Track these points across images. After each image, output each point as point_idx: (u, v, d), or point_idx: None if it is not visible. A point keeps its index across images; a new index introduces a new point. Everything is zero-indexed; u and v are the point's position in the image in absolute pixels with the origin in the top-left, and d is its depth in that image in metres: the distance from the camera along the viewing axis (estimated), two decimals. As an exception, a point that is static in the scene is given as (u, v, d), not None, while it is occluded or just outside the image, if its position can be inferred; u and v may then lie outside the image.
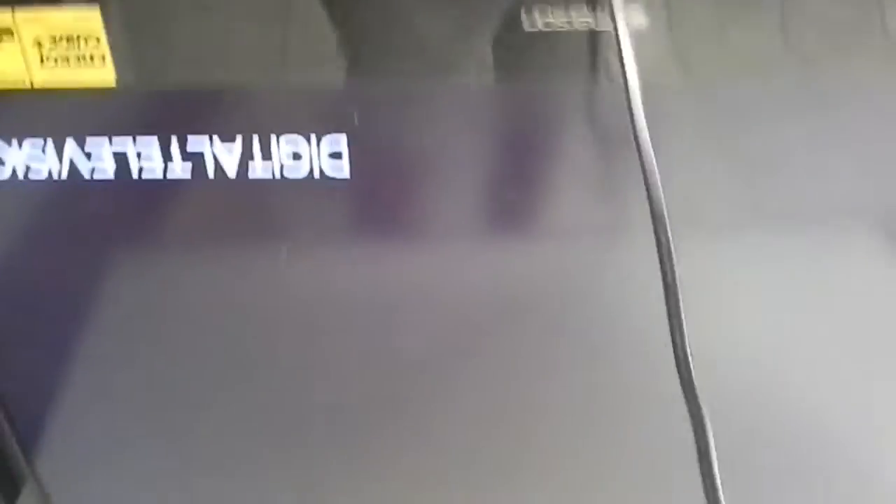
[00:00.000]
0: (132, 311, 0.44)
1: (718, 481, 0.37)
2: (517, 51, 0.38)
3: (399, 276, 0.43)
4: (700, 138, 0.41)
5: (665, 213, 0.36)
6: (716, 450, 0.37)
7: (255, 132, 0.40)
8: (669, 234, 0.36)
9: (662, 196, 0.36)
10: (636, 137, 0.36)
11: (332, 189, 0.41)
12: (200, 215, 0.42)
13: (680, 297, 0.37)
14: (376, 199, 0.42)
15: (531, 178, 0.41)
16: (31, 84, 0.37)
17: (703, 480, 0.37)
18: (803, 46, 0.38)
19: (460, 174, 0.41)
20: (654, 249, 0.37)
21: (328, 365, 0.46)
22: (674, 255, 0.36)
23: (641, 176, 0.36)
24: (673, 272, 0.36)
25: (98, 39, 0.36)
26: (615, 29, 0.35)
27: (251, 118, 0.40)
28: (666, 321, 0.37)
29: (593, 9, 0.37)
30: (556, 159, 0.41)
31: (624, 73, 0.36)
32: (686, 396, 0.37)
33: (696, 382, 0.37)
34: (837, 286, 0.43)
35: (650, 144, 0.36)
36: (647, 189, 0.36)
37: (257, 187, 0.41)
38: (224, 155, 0.40)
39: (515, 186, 0.41)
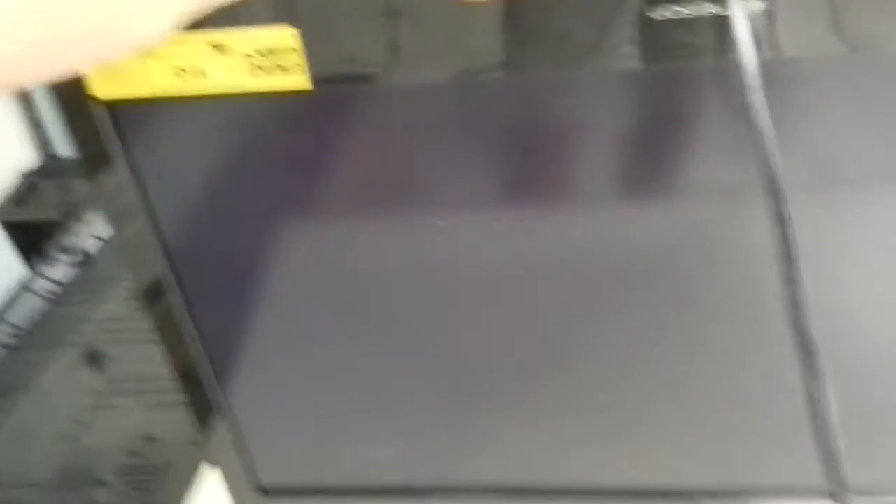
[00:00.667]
0: (312, 266, 0.51)
1: (835, 438, 0.40)
2: (649, 37, 0.42)
3: (541, 242, 0.48)
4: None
5: (781, 184, 0.38)
6: (833, 408, 0.39)
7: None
8: (787, 209, 0.38)
9: (779, 168, 0.38)
10: (750, 110, 0.38)
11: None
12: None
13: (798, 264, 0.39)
14: (523, 172, 0.47)
15: (665, 151, 0.45)
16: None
17: (818, 437, 0.40)
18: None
19: (600, 148, 0.45)
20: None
21: (478, 325, 0.52)
22: (790, 225, 0.39)
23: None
24: (790, 242, 0.39)
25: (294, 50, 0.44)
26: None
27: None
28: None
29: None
30: (687, 133, 0.44)
31: (738, 49, 0.38)
32: (802, 351, 0.39)
33: (814, 336, 0.39)
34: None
35: (767, 117, 0.38)
36: (765, 165, 0.39)
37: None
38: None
39: (650, 158, 0.45)
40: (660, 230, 0.47)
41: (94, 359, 0.80)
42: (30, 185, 1.02)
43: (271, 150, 0.47)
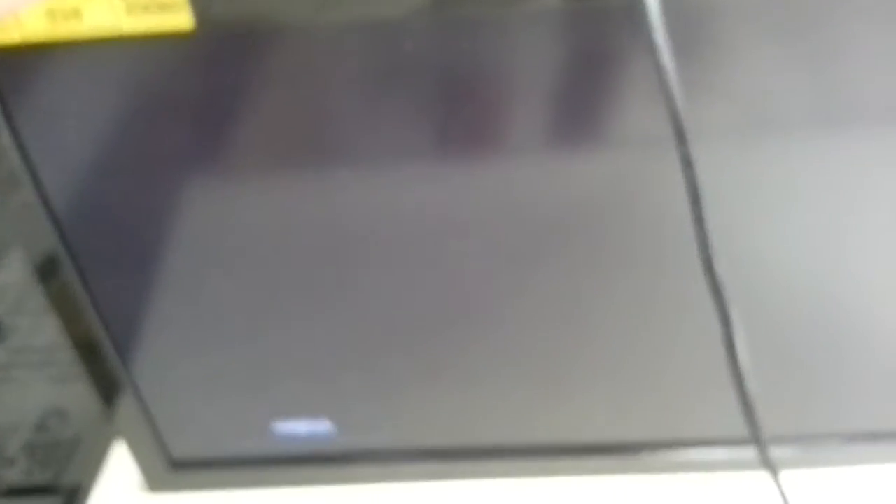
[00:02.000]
0: (215, 227, 0.48)
1: (748, 378, 0.39)
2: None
3: (454, 192, 0.47)
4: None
5: (685, 126, 0.37)
6: (745, 353, 0.39)
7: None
8: (689, 149, 0.37)
9: (683, 110, 0.37)
10: (654, 50, 0.37)
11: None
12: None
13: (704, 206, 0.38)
14: (430, 120, 0.45)
15: (580, 95, 0.43)
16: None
17: (733, 377, 0.39)
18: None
19: (511, 93, 0.44)
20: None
21: (386, 280, 0.51)
22: (696, 168, 0.38)
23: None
24: (697, 184, 0.38)
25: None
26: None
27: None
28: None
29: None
30: (602, 76, 0.43)
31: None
32: (714, 296, 0.39)
33: (724, 280, 0.38)
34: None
35: (670, 58, 0.37)
36: (669, 106, 0.37)
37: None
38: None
39: (563, 103, 0.44)
40: (575, 177, 0.45)
41: (-5, 330, 0.76)
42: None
43: (159, 101, 0.44)
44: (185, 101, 0.44)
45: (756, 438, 0.40)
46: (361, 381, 0.56)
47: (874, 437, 0.57)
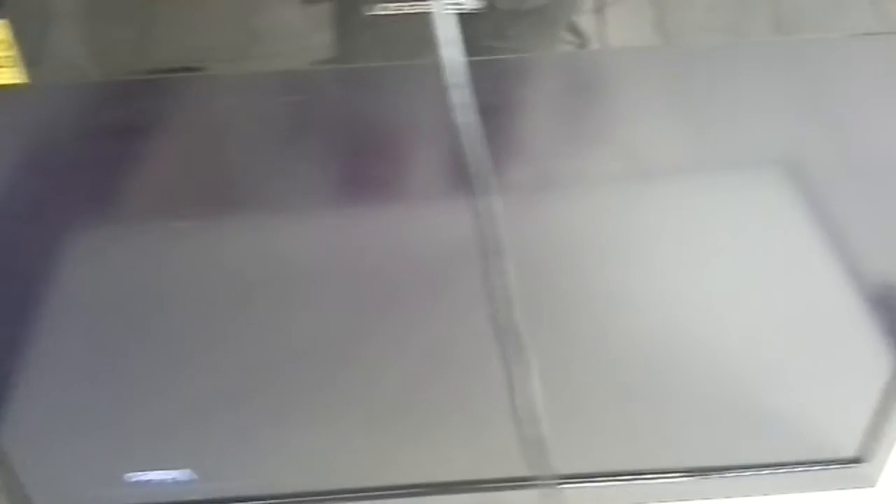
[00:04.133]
0: (71, 279, 0.49)
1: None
2: (362, 33, 0.42)
3: (299, 245, 0.48)
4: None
5: (485, 181, 0.39)
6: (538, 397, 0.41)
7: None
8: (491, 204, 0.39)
9: (483, 166, 0.39)
10: (454, 108, 0.39)
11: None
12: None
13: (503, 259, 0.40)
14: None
15: (389, 150, 0.45)
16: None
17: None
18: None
19: (314, 149, 0.45)
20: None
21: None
22: (495, 221, 0.40)
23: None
24: (496, 237, 0.40)
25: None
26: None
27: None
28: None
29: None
30: (413, 132, 0.45)
31: (441, 48, 0.39)
32: (509, 343, 0.40)
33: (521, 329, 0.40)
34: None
35: (474, 120, 0.39)
36: (469, 162, 0.39)
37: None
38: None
39: (371, 157, 0.46)
40: (380, 232, 0.47)
41: None
42: None
43: (14, 153, 0.45)
44: (23, 151, 0.45)
45: (544, 478, 0.41)
46: (221, 429, 0.56)
47: (668, 474, 0.59)
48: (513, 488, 0.57)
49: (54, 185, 0.46)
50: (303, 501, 0.59)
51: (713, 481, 0.63)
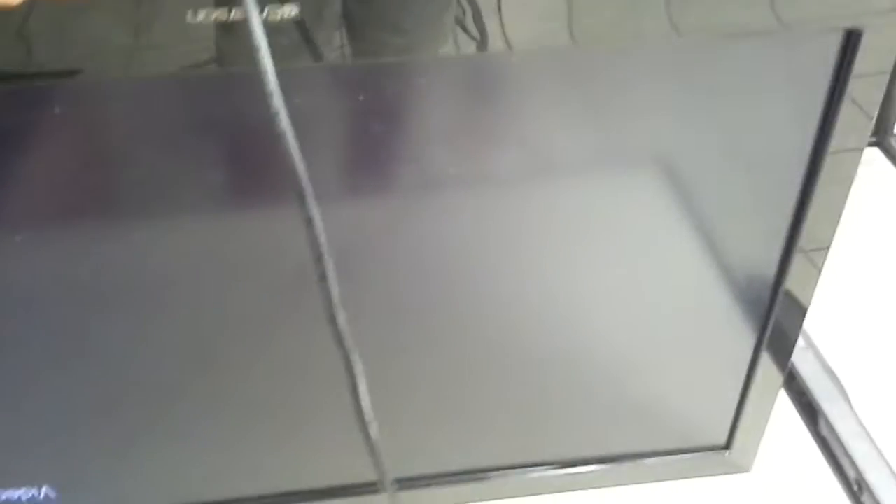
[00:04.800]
0: None
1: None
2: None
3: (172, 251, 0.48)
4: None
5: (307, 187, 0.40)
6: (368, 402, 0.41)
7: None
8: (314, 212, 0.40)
9: (304, 172, 0.39)
10: (274, 116, 0.39)
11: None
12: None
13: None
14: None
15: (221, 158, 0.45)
16: None
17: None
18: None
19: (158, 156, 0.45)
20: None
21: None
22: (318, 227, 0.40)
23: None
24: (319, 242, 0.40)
25: None
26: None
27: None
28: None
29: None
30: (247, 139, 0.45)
31: (257, 56, 0.39)
32: (338, 347, 0.41)
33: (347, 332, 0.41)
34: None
35: (289, 123, 0.39)
36: (291, 169, 0.39)
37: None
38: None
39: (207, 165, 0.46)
40: (232, 239, 0.47)
41: None
42: None
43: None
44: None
45: (382, 482, 0.42)
46: (82, 444, 0.55)
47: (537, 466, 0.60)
48: (360, 493, 0.58)
49: None
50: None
51: (584, 472, 0.64)
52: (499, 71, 0.46)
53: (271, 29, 0.39)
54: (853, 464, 0.69)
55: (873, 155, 1.04)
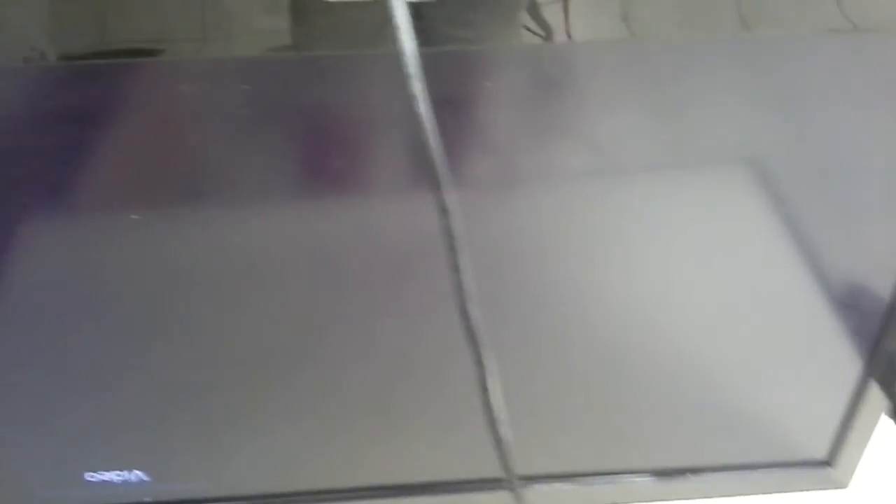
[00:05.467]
0: (26, 270, 0.47)
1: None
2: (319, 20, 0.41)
3: (258, 238, 0.47)
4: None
5: (443, 174, 0.38)
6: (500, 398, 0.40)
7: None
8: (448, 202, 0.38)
9: (440, 158, 0.38)
10: (415, 102, 0.38)
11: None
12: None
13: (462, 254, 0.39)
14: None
15: (350, 140, 0.44)
16: None
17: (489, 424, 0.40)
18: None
19: (277, 140, 0.44)
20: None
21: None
22: (453, 215, 0.38)
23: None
24: (454, 231, 0.38)
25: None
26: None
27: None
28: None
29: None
30: (373, 122, 0.44)
31: (398, 37, 0.37)
32: (470, 341, 0.39)
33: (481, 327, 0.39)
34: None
35: (428, 107, 0.38)
36: (427, 154, 0.38)
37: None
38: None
39: (333, 149, 0.44)
40: (345, 225, 0.46)
41: None
42: None
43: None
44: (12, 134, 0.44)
45: (509, 480, 0.40)
46: (174, 429, 0.55)
47: (635, 473, 0.58)
48: (479, 489, 0.56)
49: (4, 175, 0.45)
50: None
51: (682, 482, 0.62)
52: (622, 64, 0.44)
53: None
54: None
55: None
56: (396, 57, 0.37)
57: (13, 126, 0.43)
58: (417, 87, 0.38)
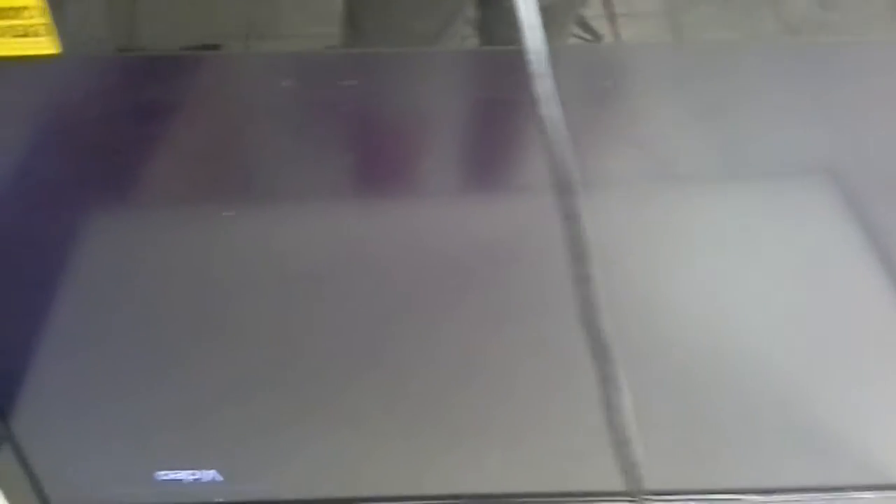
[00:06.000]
0: (97, 271, 0.46)
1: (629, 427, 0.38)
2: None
3: (332, 243, 0.45)
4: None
5: (572, 180, 0.36)
6: (629, 411, 0.38)
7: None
8: (577, 206, 0.36)
9: (569, 163, 0.36)
10: (539, 100, 0.36)
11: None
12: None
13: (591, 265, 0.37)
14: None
15: (470, 142, 0.42)
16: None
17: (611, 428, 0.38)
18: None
19: (400, 139, 0.42)
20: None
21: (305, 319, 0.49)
22: (580, 222, 0.36)
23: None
24: (582, 240, 0.36)
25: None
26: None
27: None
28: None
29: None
30: (495, 124, 0.42)
31: (524, 34, 0.35)
32: (596, 354, 0.37)
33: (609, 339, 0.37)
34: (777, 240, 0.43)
35: (556, 107, 0.36)
36: (554, 158, 0.36)
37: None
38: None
39: (455, 149, 0.42)
40: (461, 225, 0.44)
41: None
42: None
43: (33, 129, 0.42)
44: (58, 132, 0.42)
45: (635, 494, 0.38)
46: (247, 431, 0.54)
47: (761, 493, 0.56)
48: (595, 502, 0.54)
49: (77, 164, 0.43)
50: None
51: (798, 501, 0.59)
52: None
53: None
54: None
55: None
56: (522, 55, 0.35)
57: (92, 117, 0.42)
58: (546, 86, 0.36)
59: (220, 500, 0.57)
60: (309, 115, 0.42)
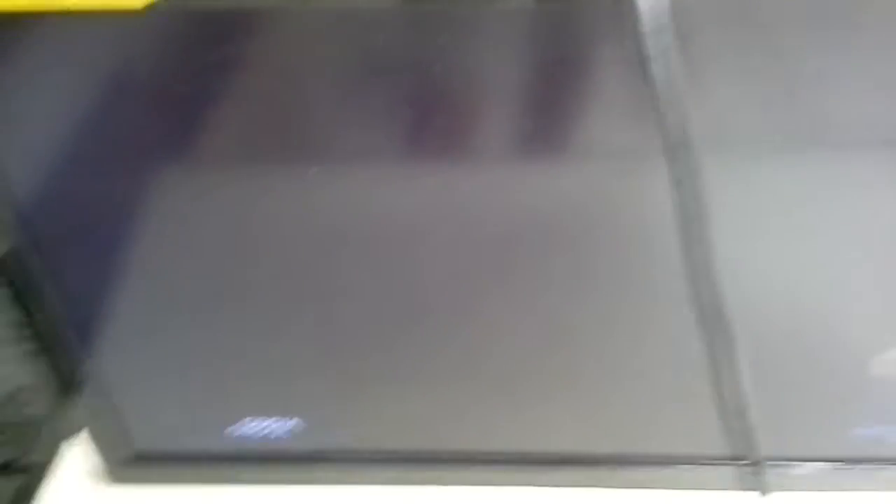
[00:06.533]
0: (181, 220, 0.46)
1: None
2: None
3: (428, 198, 0.44)
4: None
5: (682, 142, 0.35)
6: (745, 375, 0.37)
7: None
8: (690, 166, 0.35)
9: (680, 124, 0.35)
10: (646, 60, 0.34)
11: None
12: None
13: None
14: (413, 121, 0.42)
15: (564, 102, 0.40)
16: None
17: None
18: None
19: (491, 97, 0.41)
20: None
21: (356, 287, 0.49)
22: (694, 185, 0.35)
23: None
24: (697, 202, 0.35)
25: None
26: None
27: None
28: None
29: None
30: (589, 83, 0.40)
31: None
32: (712, 317, 0.36)
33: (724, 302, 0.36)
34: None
35: (668, 69, 0.34)
36: (663, 120, 0.35)
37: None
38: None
39: (546, 109, 0.41)
40: (557, 188, 0.43)
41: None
42: None
43: (120, 86, 0.42)
44: (146, 87, 0.42)
45: (750, 459, 0.38)
46: (331, 380, 0.54)
47: (865, 462, 0.55)
48: (707, 465, 0.54)
49: (160, 119, 0.43)
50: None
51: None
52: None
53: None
54: None
55: None
56: (632, 14, 0.34)
57: (175, 74, 0.41)
58: (661, 43, 0.34)
59: (302, 449, 0.57)
60: (407, 73, 0.41)
